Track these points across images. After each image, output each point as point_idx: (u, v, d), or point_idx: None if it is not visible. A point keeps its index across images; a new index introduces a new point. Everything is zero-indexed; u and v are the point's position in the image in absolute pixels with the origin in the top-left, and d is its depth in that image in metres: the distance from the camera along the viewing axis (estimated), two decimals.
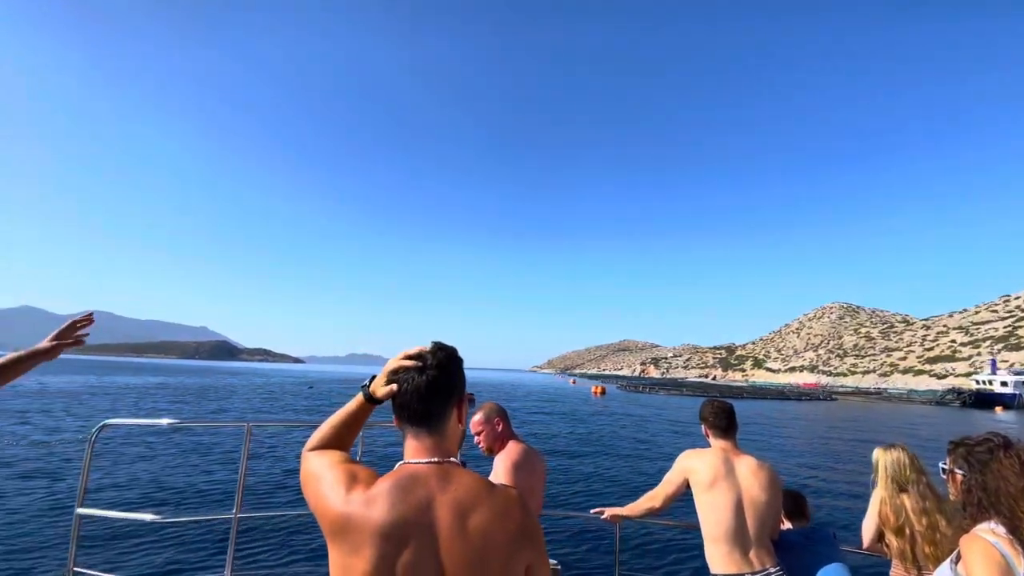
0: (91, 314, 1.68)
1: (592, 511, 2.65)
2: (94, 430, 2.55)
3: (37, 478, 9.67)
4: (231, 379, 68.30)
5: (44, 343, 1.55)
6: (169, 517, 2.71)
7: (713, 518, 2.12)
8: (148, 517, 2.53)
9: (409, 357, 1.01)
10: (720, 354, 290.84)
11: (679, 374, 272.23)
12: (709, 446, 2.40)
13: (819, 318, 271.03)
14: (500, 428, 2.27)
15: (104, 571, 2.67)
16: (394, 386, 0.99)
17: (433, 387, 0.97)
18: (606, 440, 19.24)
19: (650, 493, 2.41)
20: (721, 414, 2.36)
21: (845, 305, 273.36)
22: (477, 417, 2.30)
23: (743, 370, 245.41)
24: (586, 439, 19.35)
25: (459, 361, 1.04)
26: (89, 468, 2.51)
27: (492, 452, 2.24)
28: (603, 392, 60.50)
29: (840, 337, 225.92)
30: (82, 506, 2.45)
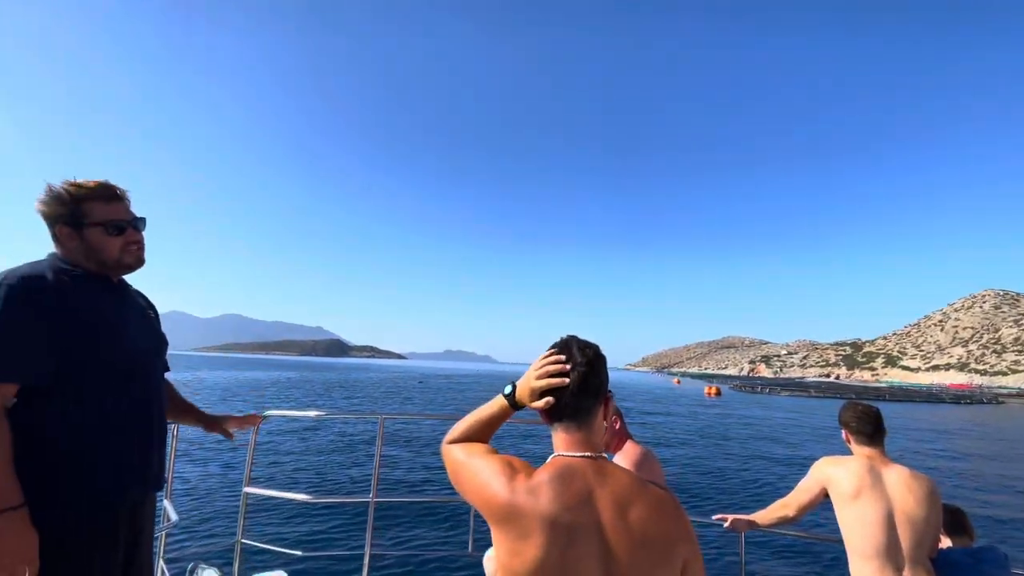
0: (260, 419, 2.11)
1: (715, 517, 2.43)
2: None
3: (211, 462, 11.15)
4: (355, 374, 75.62)
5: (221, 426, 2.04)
6: (318, 498, 2.95)
7: (860, 532, 1.92)
8: (301, 497, 2.80)
9: (556, 355, 1.02)
10: (843, 351, 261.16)
11: (795, 373, 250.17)
12: (850, 453, 2.15)
13: (968, 308, 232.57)
14: (617, 426, 2.17)
15: (267, 543, 2.88)
16: (551, 399, 1.01)
17: (584, 385, 0.99)
18: (730, 444, 18.18)
19: (782, 501, 2.23)
20: (866, 419, 2.11)
21: (1002, 292, 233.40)
22: None
23: (872, 369, 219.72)
24: (708, 441, 18.36)
25: (604, 359, 1.05)
26: (253, 452, 2.80)
27: (608, 450, 2.13)
28: (718, 393, 56.78)
29: (997, 330, 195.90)
30: (248, 485, 2.77)
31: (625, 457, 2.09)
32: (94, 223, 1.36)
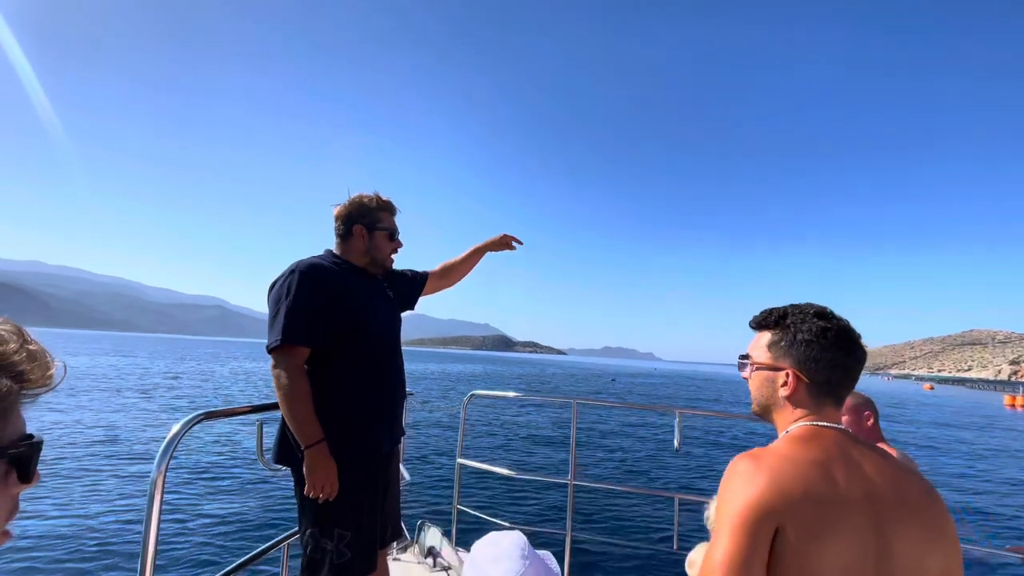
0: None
1: (1008, 548, 2.15)
2: (466, 398, 3.11)
3: (431, 433, 12.78)
4: (550, 369, 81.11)
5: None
6: (521, 474, 3.01)
7: None
8: (505, 471, 2.95)
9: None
10: None
11: None
12: None
13: None
14: (870, 423, 2.01)
15: (478, 511, 3.04)
16: None
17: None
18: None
19: None
20: None
21: None
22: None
23: None
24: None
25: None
26: (464, 427, 3.06)
27: None
28: None
29: None
30: (461, 457, 3.00)
31: None
32: (382, 228, 1.76)
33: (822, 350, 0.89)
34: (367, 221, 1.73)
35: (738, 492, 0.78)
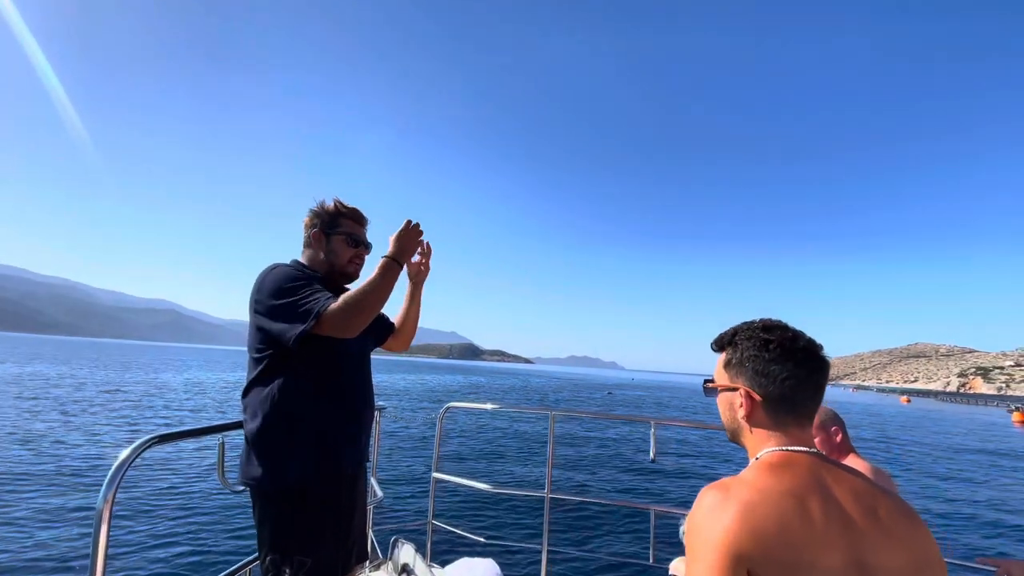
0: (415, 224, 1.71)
1: (977, 560, 1.99)
2: (441, 411, 3.02)
3: (405, 447, 12.33)
4: (535, 380, 77.60)
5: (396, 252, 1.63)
6: (497, 488, 2.99)
7: None
8: (481, 486, 2.85)
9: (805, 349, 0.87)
10: None
11: None
12: None
13: None
14: (839, 439, 2.00)
15: (453, 526, 3.00)
16: None
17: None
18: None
19: None
20: None
21: None
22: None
23: None
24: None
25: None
26: (440, 440, 2.99)
27: None
28: None
29: None
30: (436, 471, 2.92)
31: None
32: (339, 233, 1.69)
33: (767, 363, 0.85)
34: (324, 226, 1.69)
35: (709, 531, 0.73)
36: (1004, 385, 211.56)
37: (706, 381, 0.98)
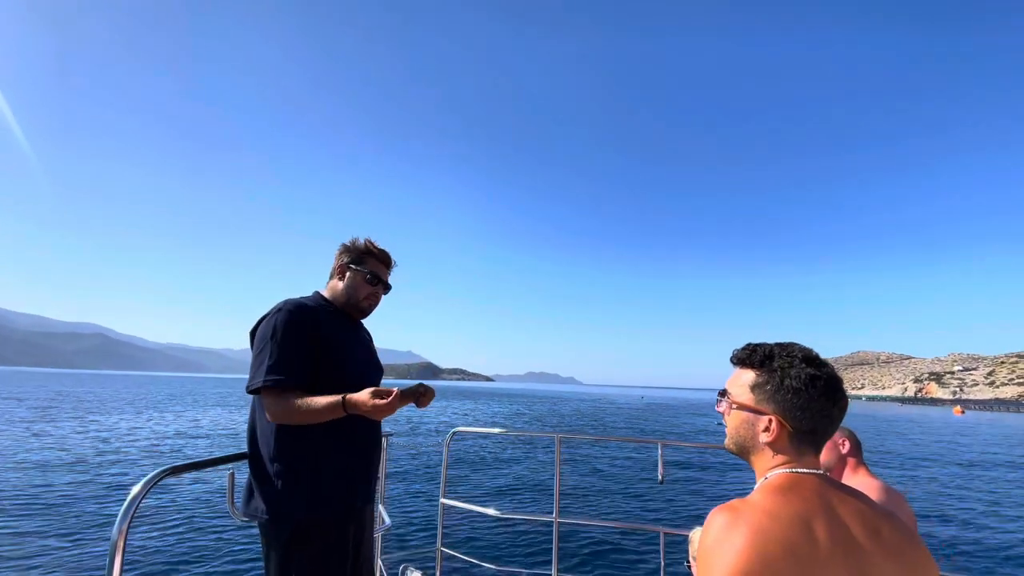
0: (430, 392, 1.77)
1: None
2: (448, 435, 3.03)
3: (412, 473, 12.12)
4: (508, 405, 71.19)
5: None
6: (505, 513, 2.94)
7: None
8: (490, 511, 2.85)
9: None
10: None
11: (982, 393, 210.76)
12: None
13: None
14: (846, 449, 1.97)
15: (462, 553, 2.99)
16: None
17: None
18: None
19: None
20: None
21: None
22: None
23: None
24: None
25: None
26: (447, 466, 2.97)
27: (829, 473, 1.95)
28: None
29: None
30: (444, 497, 2.92)
31: (862, 489, 1.76)
32: (361, 270, 1.76)
33: (810, 400, 0.83)
34: (350, 261, 1.77)
35: (721, 555, 0.77)
36: (958, 389, 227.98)
37: (721, 392, 0.96)
